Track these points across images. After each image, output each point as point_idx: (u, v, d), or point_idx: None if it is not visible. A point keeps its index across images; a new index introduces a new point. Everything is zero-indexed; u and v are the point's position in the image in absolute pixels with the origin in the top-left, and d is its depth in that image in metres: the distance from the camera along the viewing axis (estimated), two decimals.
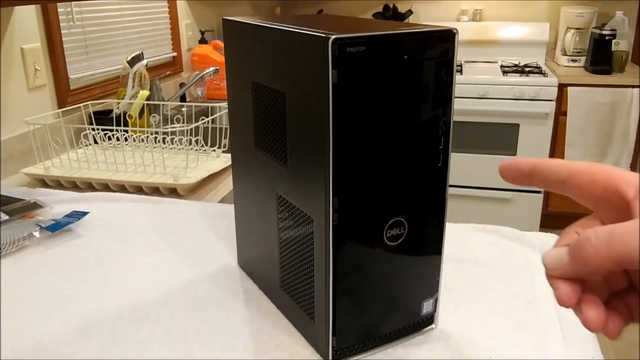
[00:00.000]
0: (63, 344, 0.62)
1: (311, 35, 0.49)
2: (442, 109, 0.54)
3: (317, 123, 0.50)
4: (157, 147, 1.34)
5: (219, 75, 2.13)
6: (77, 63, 1.64)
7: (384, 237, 0.55)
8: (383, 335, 0.59)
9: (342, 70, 0.47)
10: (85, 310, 0.68)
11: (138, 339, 0.62)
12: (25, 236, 0.85)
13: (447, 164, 0.56)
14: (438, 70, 0.52)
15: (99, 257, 0.81)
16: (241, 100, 0.66)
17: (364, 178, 0.52)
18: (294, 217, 0.58)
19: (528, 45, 2.97)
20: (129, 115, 1.45)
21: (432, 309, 0.62)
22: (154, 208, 0.99)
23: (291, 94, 0.54)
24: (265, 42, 0.58)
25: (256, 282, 0.73)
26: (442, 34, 0.52)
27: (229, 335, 0.63)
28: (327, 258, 0.53)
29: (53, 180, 1.22)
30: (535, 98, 2.57)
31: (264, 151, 0.62)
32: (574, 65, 2.82)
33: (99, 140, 1.37)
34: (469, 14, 3.14)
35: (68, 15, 1.59)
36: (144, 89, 1.62)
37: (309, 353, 0.60)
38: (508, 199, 2.75)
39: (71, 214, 0.93)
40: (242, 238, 0.74)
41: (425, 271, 0.59)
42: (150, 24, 2.06)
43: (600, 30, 2.68)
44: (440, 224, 0.58)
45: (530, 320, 0.65)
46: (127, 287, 0.73)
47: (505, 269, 0.77)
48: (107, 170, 1.23)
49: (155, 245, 0.85)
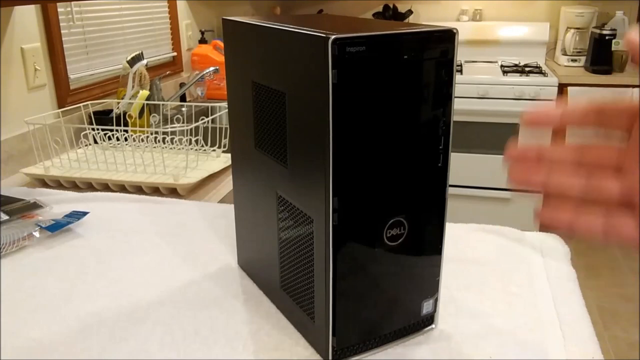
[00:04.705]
0: (63, 344, 0.62)
1: (311, 35, 0.49)
2: (442, 109, 0.54)
3: (317, 123, 0.50)
4: (157, 147, 1.34)
5: (219, 75, 2.13)
6: (77, 63, 1.64)
7: (384, 237, 0.55)
8: (383, 335, 0.59)
9: (342, 70, 0.47)
10: (85, 310, 0.68)
11: (138, 339, 0.62)
12: (25, 236, 0.85)
13: (447, 164, 0.56)
14: (438, 70, 0.52)
15: (99, 257, 0.81)
16: (241, 100, 0.66)
17: (364, 178, 0.52)
18: (294, 217, 0.58)
19: (528, 45, 2.96)
20: (129, 115, 1.45)
21: (432, 309, 0.62)
22: (154, 208, 0.99)
23: (291, 94, 0.54)
24: (265, 42, 0.58)
25: (256, 282, 0.73)
26: (442, 34, 0.52)
27: (229, 335, 0.63)
28: (327, 258, 0.53)
29: (53, 180, 1.22)
30: (536, 98, 2.57)
31: (264, 151, 0.62)
32: (574, 65, 2.82)
33: (99, 140, 1.37)
34: (469, 14, 3.14)
35: (68, 15, 1.59)
36: (144, 89, 1.62)
37: (309, 353, 0.60)
38: (508, 199, 2.75)
39: (71, 214, 0.93)
40: (242, 238, 0.74)
41: (425, 271, 0.59)
42: (150, 24, 2.06)
43: (601, 30, 2.68)
44: (440, 224, 0.58)
45: (530, 320, 0.65)
46: (127, 287, 0.73)
47: (505, 269, 0.77)
48: (107, 170, 1.23)
49: (155, 245, 0.85)
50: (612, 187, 0.34)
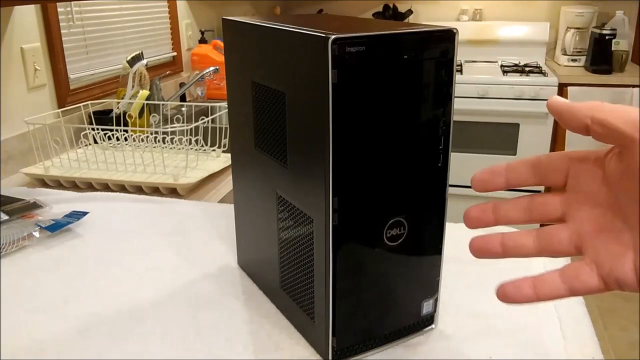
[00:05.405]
0: (63, 344, 0.62)
1: (311, 35, 0.49)
2: (442, 109, 0.54)
3: (317, 123, 0.50)
4: (157, 147, 1.34)
5: (219, 75, 2.13)
6: (77, 63, 1.64)
7: (383, 237, 0.55)
8: (383, 336, 0.59)
9: (342, 70, 0.47)
10: (85, 310, 0.68)
11: (138, 339, 0.62)
12: (25, 236, 0.85)
13: (447, 164, 0.56)
14: (438, 70, 0.52)
15: (99, 257, 0.81)
16: (241, 100, 0.66)
17: (364, 178, 0.52)
18: (294, 217, 0.58)
19: (528, 44, 2.97)
20: (129, 115, 1.45)
21: (432, 309, 0.62)
22: (154, 208, 0.99)
23: (291, 94, 0.54)
24: (265, 42, 0.58)
25: (256, 282, 0.73)
26: (442, 33, 0.52)
27: (229, 335, 0.63)
28: (327, 258, 0.53)
29: (53, 180, 1.22)
30: (536, 98, 2.57)
31: (263, 151, 0.62)
32: (574, 64, 2.82)
33: (98, 140, 1.37)
34: (469, 14, 3.14)
35: (68, 15, 1.59)
36: (143, 89, 1.62)
37: (309, 353, 0.60)
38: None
39: (71, 214, 0.93)
40: (242, 238, 0.74)
41: (425, 271, 0.59)
42: (150, 24, 2.06)
43: (600, 30, 2.68)
44: (441, 224, 0.58)
45: (530, 320, 0.65)
46: (127, 287, 0.73)
47: (505, 268, 0.77)
48: (107, 170, 1.23)
49: (155, 245, 0.85)
50: (562, 237, 0.37)
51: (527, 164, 0.39)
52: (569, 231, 0.37)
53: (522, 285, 0.37)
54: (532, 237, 0.38)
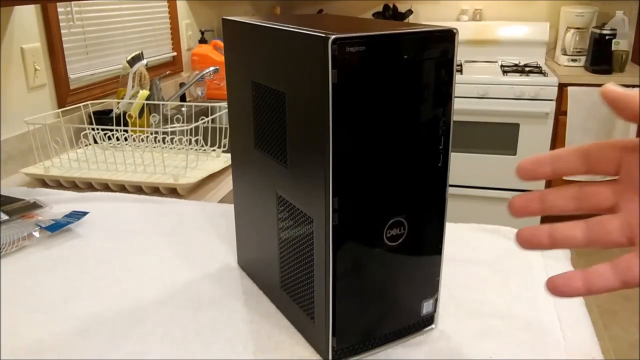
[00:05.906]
0: (63, 344, 0.62)
1: (311, 35, 0.49)
2: (442, 109, 0.54)
3: (317, 123, 0.50)
4: (157, 147, 1.34)
5: (219, 75, 2.13)
6: (77, 63, 1.64)
7: (383, 237, 0.55)
8: (383, 336, 0.59)
9: (342, 70, 0.47)
10: (85, 310, 0.68)
11: (138, 339, 0.62)
12: (25, 236, 0.85)
13: (447, 164, 0.56)
14: (438, 70, 0.52)
15: (99, 257, 0.81)
16: (241, 100, 0.66)
17: (364, 178, 0.52)
18: (294, 217, 0.58)
19: (528, 45, 2.96)
20: (129, 115, 1.45)
21: (432, 309, 0.61)
22: (154, 208, 0.99)
23: (291, 94, 0.54)
24: (265, 42, 0.58)
25: (256, 282, 0.73)
26: (442, 33, 0.52)
27: (229, 335, 0.63)
28: (327, 258, 0.53)
29: (53, 180, 1.22)
30: (536, 98, 2.57)
31: (263, 151, 0.62)
32: (574, 65, 2.82)
33: (98, 140, 1.37)
34: (469, 14, 3.14)
35: (68, 15, 1.59)
36: (143, 89, 1.62)
37: (309, 353, 0.60)
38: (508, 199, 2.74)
39: (71, 214, 0.93)
40: (242, 238, 0.74)
41: (425, 271, 0.59)
42: (150, 24, 2.06)
43: (600, 30, 2.68)
44: (440, 224, 0.58)
45: (530, 320, 0.65)
46: (127, 287, 0.73)
47: (505, 269, 0.77)
48: (107, 170, 1.23)
49: (155, 245, 0.85)
50: (613, 228, 0.36)
51: (576, 153, 0.38)
52: (620, 222, 0.36)
53: (572, 278, 0.37)
54: (581, 228, 0.37)
